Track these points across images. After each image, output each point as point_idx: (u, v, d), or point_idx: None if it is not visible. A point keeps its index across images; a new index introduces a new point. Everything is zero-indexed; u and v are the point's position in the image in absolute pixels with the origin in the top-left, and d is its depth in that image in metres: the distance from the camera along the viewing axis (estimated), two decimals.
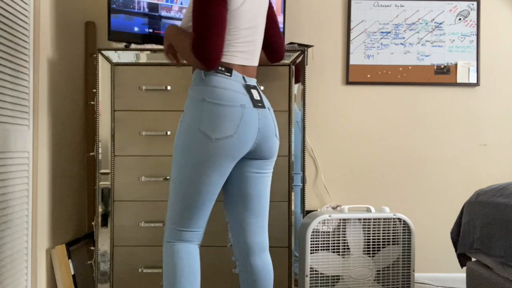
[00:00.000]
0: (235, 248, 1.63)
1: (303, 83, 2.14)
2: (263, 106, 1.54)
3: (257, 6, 1.55)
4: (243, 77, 1.53)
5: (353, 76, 2.73)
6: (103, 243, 2.11)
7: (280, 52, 1.75)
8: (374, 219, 2.03)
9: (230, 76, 1.49)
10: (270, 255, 1.72)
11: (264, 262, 1.61)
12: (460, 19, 2.74)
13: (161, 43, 2.27)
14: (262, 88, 2.11)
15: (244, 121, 1.47)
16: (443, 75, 2.74)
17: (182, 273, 1.48)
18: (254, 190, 1.59)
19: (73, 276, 2.22)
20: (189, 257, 1.50)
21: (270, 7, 1.70)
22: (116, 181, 2.11)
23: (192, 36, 1.46)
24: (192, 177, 1.47)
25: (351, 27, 2.73)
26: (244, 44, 1.53)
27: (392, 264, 2.06)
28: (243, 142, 1.48)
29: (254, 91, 1.54)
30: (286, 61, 2.13)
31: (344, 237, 2.02)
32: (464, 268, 2.05)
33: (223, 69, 1.49)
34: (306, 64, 2.18)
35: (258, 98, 1.54)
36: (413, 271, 2.06)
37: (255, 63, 1.60)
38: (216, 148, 1.44)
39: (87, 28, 2.61)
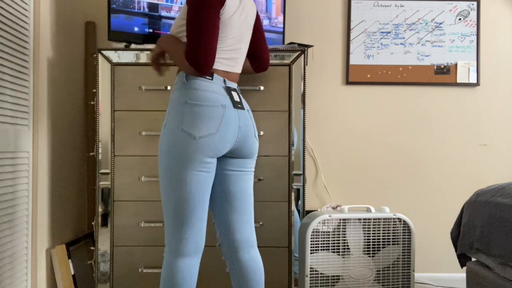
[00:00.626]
0: (224, 246, 1.66)
1: (303, 83, 2.13)
2: (242, 108, 1.60)
3: (244, 17, 1.61)
4: (224, 80, 1.58)
5: (353, 76, 2.73)
6: (103, 243, 2.11)
7: (265, 61, 1.82)
8: (374, 219, 2.03)
9: (211, 79, 1.55)
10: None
11: (253, 257, 1.63)
12: (460, 19, 2.74)
13: None
14: (262, 88, 2.12)
15: (225, 120, 1.52)
16: (443, 75, 2.74)
17: None
18: (236, 188, 1.63)
19: (73, 276, 2.22)
20: (190, 278, 1.51)
21: (258, 18, 1.76)
22: (116, 181, 2.11)
23: (185, 43, 1.52)
24: (180, 177, 1.49)
25: (351, 27, 2.73)
26: (228, 51, 1.58)
27: (392, 264, 2.06)
28: (225, 139, 1.53)
29: (234, 93, 1.60)
30: (286, 61, 2.13)
31: (344, 237, 2.02)
32: (464, 268, 2.05)
33: None
34: (306, 64, 2.18)
35: (238, 100, 1.60)
36: (413, 271, 2.06)
37: (238, 70, 1.66)
38: (199, 145, 1.48)
39: (87, 28, 2.61)
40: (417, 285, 2.65)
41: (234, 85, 1.62)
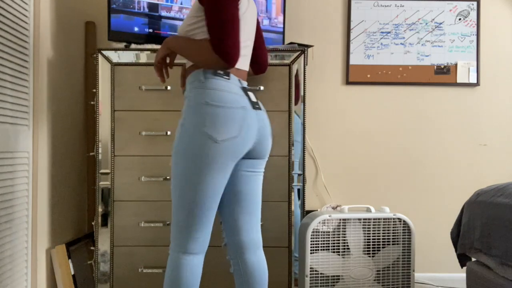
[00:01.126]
0: (230, 247, 1.65)
1: (303, 83, 2.13)
2: (259, 108, 1.59)
3: (251, 15, 1.62)
4: (239, 80, 1.57)
5: (353, 76, 2.73)
6: (103, 243, 2.11)
7: (264, 63, 1.82)
8: (374, 219, 2.03)
9: (229, 78, 1.52)
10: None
11: (259, 258, 1.63)
12: (460, 19, 2.74)
13: (161, 43, 2.26)
14: (262, 88, 2.12)
15: (246, 122, 1.49)
16: (443, 75, 2.74)
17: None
18: (247, 189, 1.61)
19: (73, 276, 2.22)
20: (196, 275, 1.50)
21: (257, 21, 1.76)
22: (116, 181, 2.11)
23: (204, 39, 1.49)
24: (198, 179, 1.46)
25: (351, 27, 2.73)
26: (241, 48, 1.56)
27: (392, 264, 2.06)
28: (246, 142, 1.50)
29: (250, 93, 1.58)
30: (286, 61, 2.13)
31: (344, 237, 2.02)
32: (464, 268, 2.05)
33: (222, 72, 1.51)
34: (306, 64, 2.18)
35: (255, 100, 1.58)
36: (413, 271, 2.06)
37: (247, 68, 1.65)
38: (222, 149, 1.45)
39: (87, 28, 2.62)
40: (417, 285, 2.65)
41: (246, 84, 1.61)
